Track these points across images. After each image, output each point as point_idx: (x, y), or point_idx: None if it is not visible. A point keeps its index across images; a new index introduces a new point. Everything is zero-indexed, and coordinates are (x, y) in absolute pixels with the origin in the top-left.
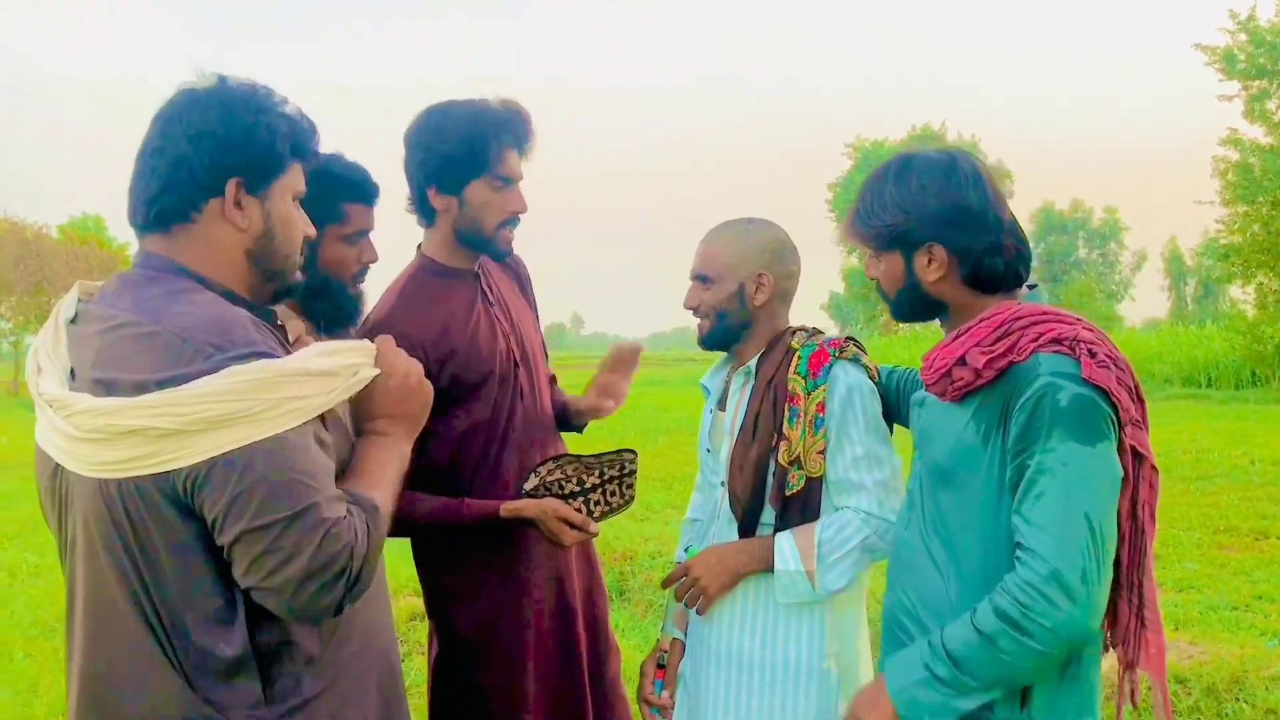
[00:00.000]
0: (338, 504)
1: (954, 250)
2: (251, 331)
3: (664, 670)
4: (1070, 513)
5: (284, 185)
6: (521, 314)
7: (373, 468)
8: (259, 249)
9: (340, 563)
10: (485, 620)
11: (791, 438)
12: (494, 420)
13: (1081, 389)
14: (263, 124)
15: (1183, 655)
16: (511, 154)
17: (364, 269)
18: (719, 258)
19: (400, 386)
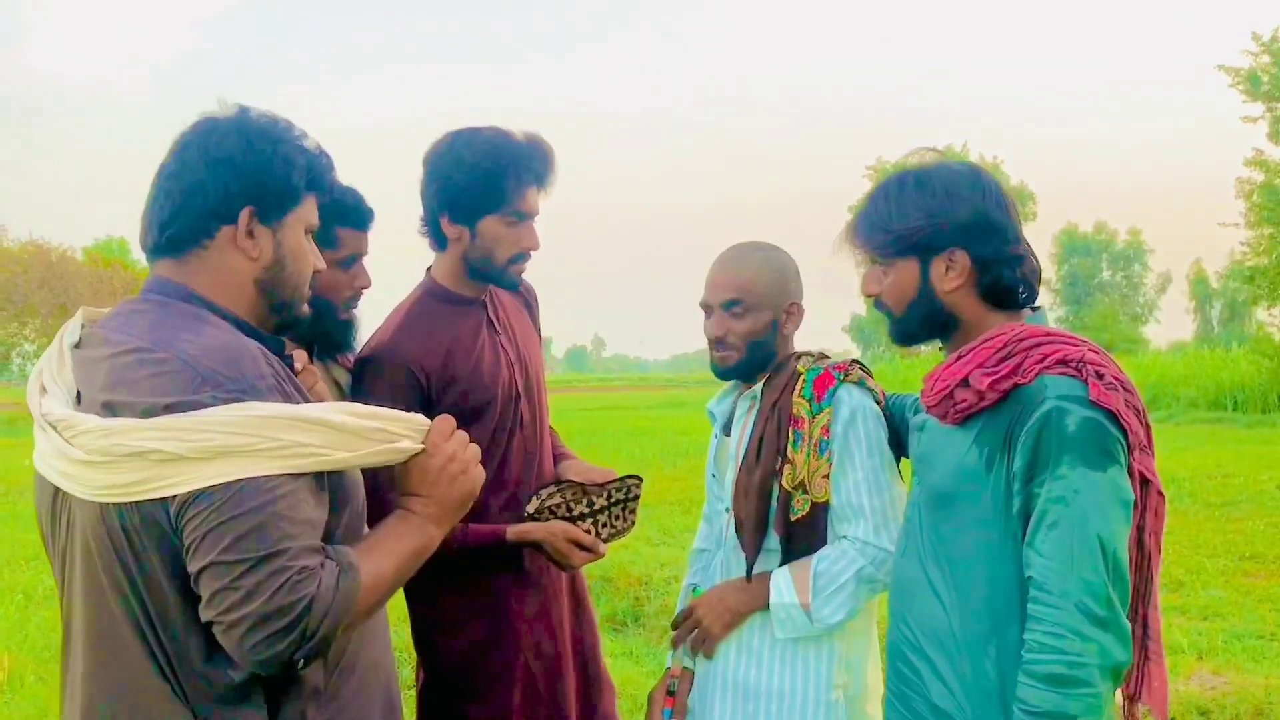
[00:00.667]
0: (310, 555)
1: (976, 258)
2: (261, 364)
3: (673, 699)
4: (1086, 541)
5: (297, 217)
6: (529, 342)
7: (381, 537)
8: (269, 279)
9: (295, 612)
10: (471, 651)
11: (796, 461)
12: (490, 450)
13: (1090, 412)
14: (280, 155)
15: (1205, 686)
16: (530, 190)
17: (357, 294)
18: (754, 286)
19: (440, 470)
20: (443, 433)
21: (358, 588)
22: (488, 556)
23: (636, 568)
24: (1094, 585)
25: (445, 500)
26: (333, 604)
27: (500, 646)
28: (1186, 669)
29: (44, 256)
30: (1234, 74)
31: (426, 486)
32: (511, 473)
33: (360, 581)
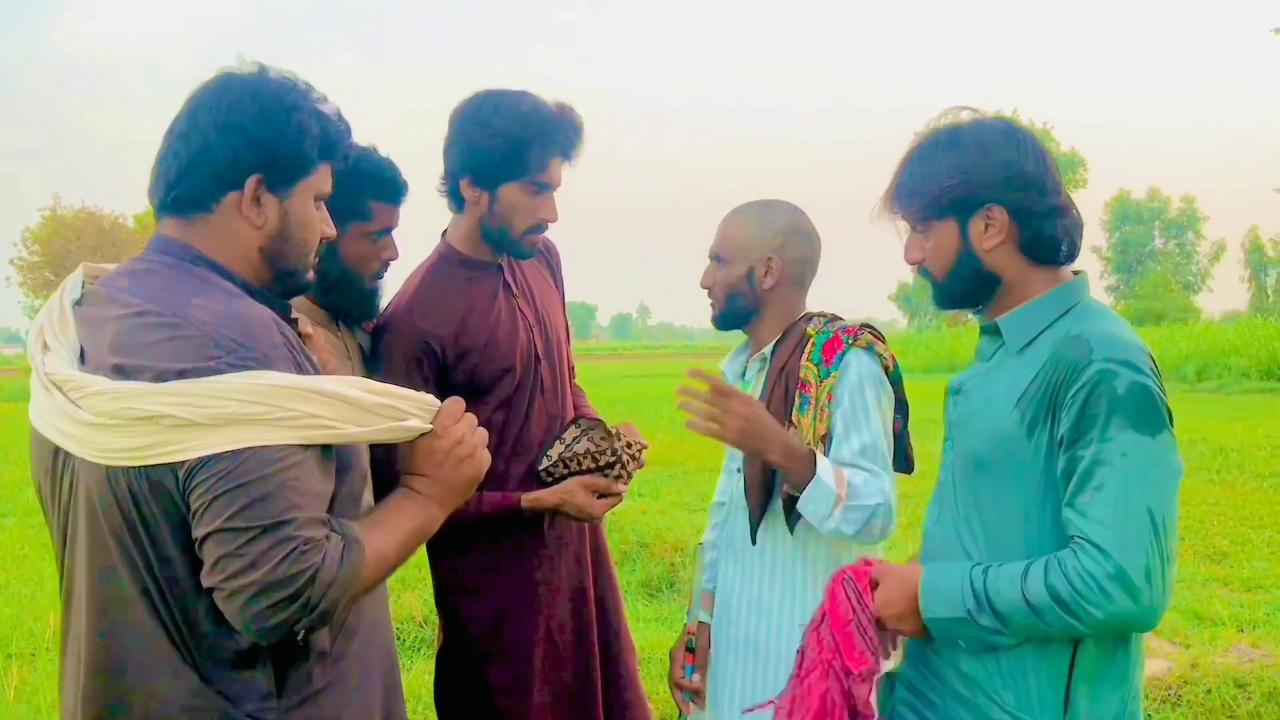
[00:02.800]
0: (316, 526)
1: (1014, 212)
2: (274, 332)
3: (693, 654)
4: (1132, 506)
5: (307, 186)
6: (549, 304)
7: (385, 514)
8: (273, 247)
9: (298, 584)
10: (494, 616)
11: (802, 425)
12: (510, 417)
13: (1139, 377)
14: (294, 122)
15: (1243, 658)
16: (554, 162)
17: (384, 266)
18: (732, 239)
19: (447, 452)
20: (452, 414)
21: (362, 562)
22: (506, 521)
23: (672, 534)
24: (1136, 555)
25: (450, 482)
26: (336, 577)
27: (522, 610)
28: (1226, 641)
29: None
30: None
31: (432, 467)
32: (534, 437)
33: (364, 556)
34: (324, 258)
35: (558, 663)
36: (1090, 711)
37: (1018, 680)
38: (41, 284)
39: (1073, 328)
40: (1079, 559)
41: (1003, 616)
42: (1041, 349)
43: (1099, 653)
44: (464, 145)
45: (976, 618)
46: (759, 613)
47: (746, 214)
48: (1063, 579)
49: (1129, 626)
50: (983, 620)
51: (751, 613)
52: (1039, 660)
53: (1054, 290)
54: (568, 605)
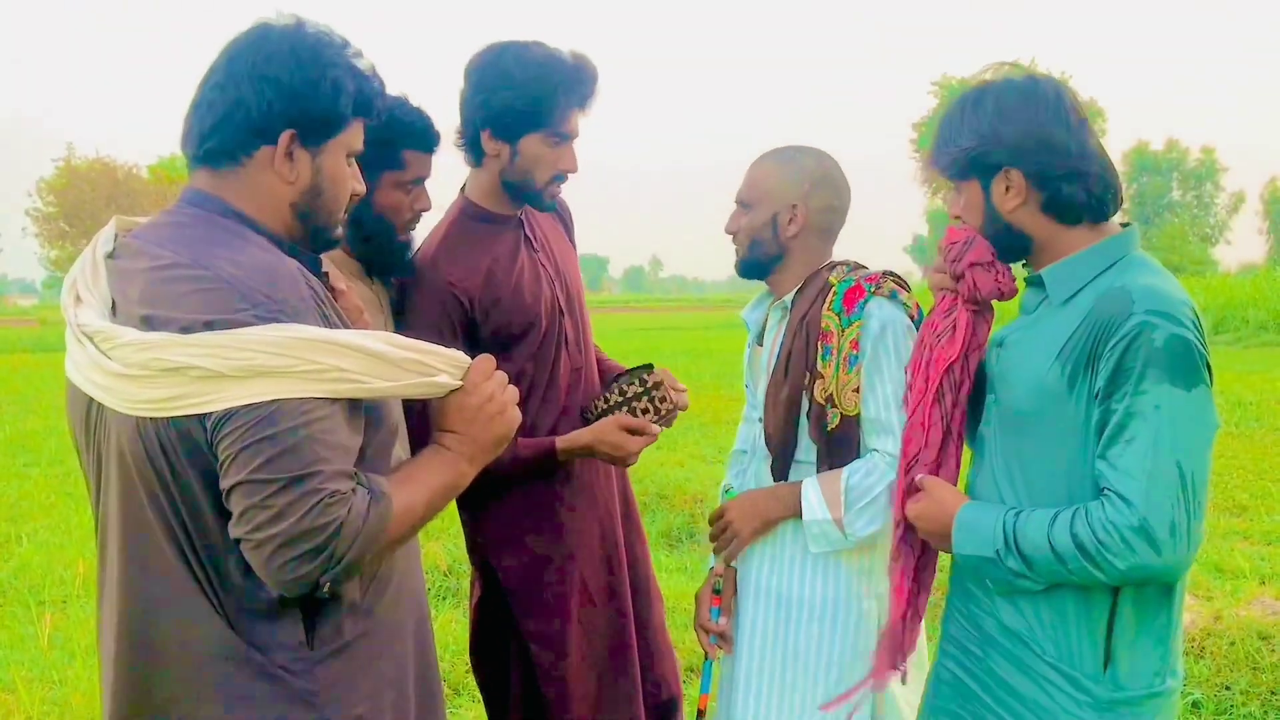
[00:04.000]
0: (343, 479)
1: (1030, 175)
2: (301, 285)
3: (719, 597)
4: (1161, 460)
5: (340, 142)
6: (567, 258)
7: (414, 469)
8: (304, 203)
9: (324, 535)
10: (528, 568)
11: (825, 375)
12: (538, 370)
13: (1179, 329)
14: (329, 78)
15: (1266, 611)
16: (574, 112)
17: (416, 216)
18: (758, 184)
19: (478, 408)
20: (482, 372)
21: (389, 516)
22: (538, 470)
23: (692, 485)
24: (1163, 509)
25: (481, 439)
26: (362, 530)
27: (556, 560)
28: (1248, 594)
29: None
30: None
31: (463, 424)
32: (560, 390)
33: (391, 510)
34: (358, 209)
35: (592, 612)
36: (1130, 664)
37: (1058, 632)
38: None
39: (1116, 280)
40: (1105, 510)
41: (1028, 559)
42: (1084, 301)
43: (1139, 607)
44: (484, 97)
45: (1004, 559)
46: (783, 564)
47: (775, 159)
48: (1087, 528)
49: (1152, 579)
50: (1009, 562)
51: (770, 561)
52: (1080, 613)
53: (1100, 244)
54: (599, 554)
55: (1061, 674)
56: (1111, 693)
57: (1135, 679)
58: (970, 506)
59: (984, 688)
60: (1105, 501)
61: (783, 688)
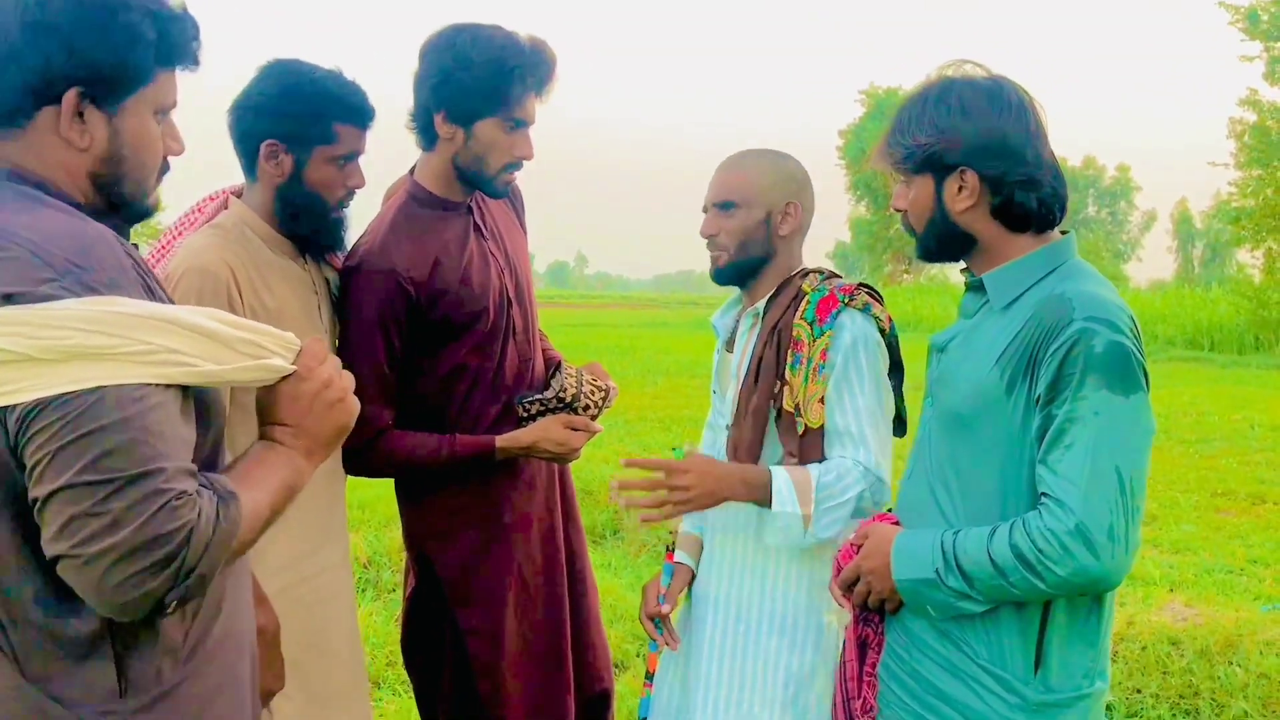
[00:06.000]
0: (187, 478)
1: (986, 178)
2: (119, 252)
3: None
4: (1100, 465)
5: (144, 99)
6: (518, 247)
7: (249, 468)
8: (103, 171)
9: (173, 543)
10: (466, 561)
11: (794, 384)
12: (483, 360)
13: (1118, 337)
14: (121, 23)
15: (1177, 617)
16: (530, 97)
17: (350, 193)
18: (749, 183)
19: (314, 396)
20: (316, 355)
21: (240, 519)
22: (476, 469)
23: None
24: (1100, 513)
25: (317, 431)
26: (213, 536)
27: (494, 553)
28: (1159, 600)
29: None
30: (1233, 11)
31: (297, 415)
32: (506, 381)
33: (242, 511)
34: (288, 184)
35: (529, 605)
36: (1061, 667)
37: (990, 634)
38: None
39: (1056, 287)
40: (1043, 518)
41: (969, 576)
42: (1025, 307)
43: (1071, 611)
44: (440, 79)
45: (944, 578)
46: (743, 571)
47: (760, 159)
48: (1026, 537)
49: (1091, 585)
50: (950, 581)
51: (729, 572)
52: (1012, 615)
53: (1041, 250)
54: (538, 547)
55: (992, 676)
56: (1041, 695)
57: (1065, 681)
58: (907, 533)
59: (910, 692)
60: (1043, 510)
61: (739, 699)
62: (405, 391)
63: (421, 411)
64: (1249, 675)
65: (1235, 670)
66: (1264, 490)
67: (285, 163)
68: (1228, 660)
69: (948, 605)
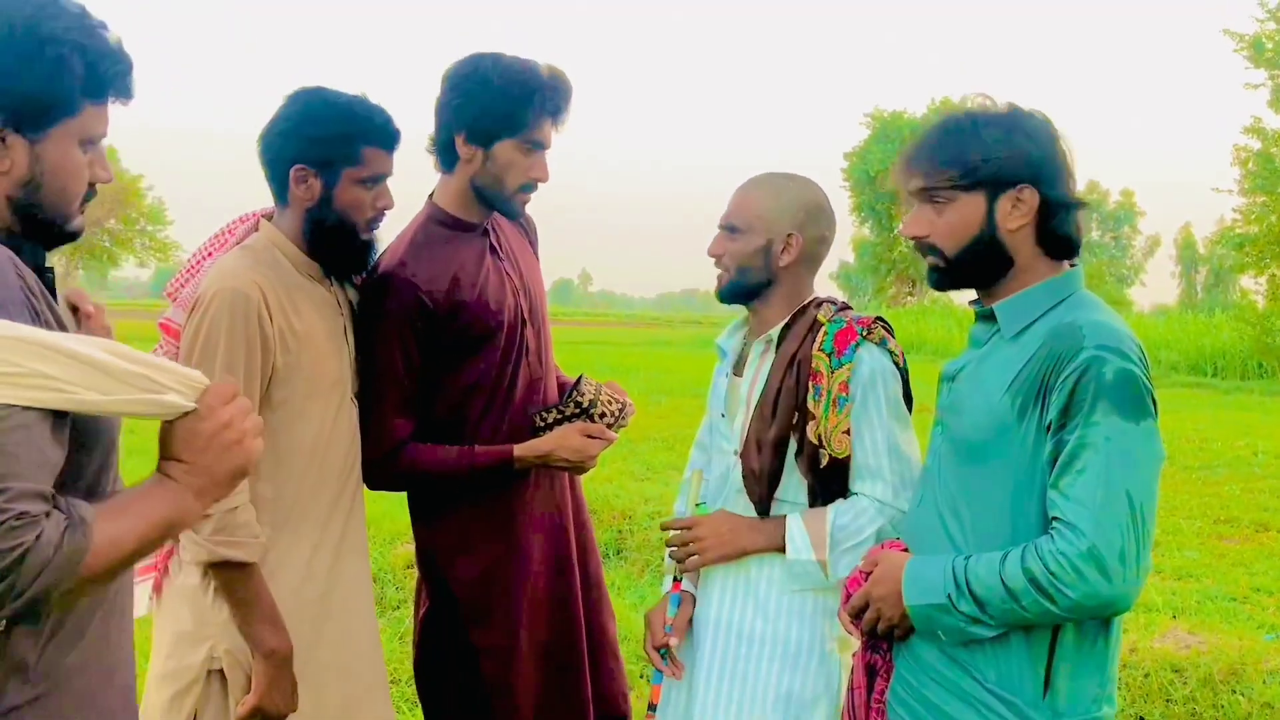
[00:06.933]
0: (34, 500)
1: (1045, 199)
2: (9, 273)
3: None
4: (1111, 489)
5: (69, 129)
6: (531, 270)
7: (129, 500)
8: (21, 197)
9: (5, 563)
10: (479, 580)
11: (817, 415)
12: (496, 379)
13: (1126, 364)
14: (49, 57)
15: (1179, 644)
16: (547, 122)
17: (379, 214)
18: (751, 208)
19: (212, 435)
20: (220, 395)
21: (85, 549)
22: (495, 479)
23: (620, 501)
24: (1112, 537)
25: (212, 471)
26: (51, 561)
27: (509, 572)
28: (1162, 627)
29: None
30: (1239, 39)
31: (193, 453)
32: (516, 401)
33: (90, 542)
34: (318, 206)
35: (542, 627)
36: (1070, 691)
37: (1000, 658)
38: None
39: (1066, 316)
40: (1055, 542)
41: (981, 601)
42: (1035, 336)
43: (1079, 636)
44: (462, 101)
45: (956, 603)
46: (746, 598)
47: (768, 185)
48: (1038, 561)
49: (1103, 609)
50: (962, 606)
51: (732, 596)
52: (1021, 640)
53: (1051, 280)
54: (552, 568)
55: (1002, 701)
56: (1050, 719)
57: (1074, 706)
58: (918, 559)
59: (918, 719)
60: (1055, 534)
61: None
62: (419, 411)
63: (435, 431)
64: (1253, 704)
65: (1239, 699)
66: (1267, 518)
67: (315, 186)
68: (1231, 689)
69: (959, 630)
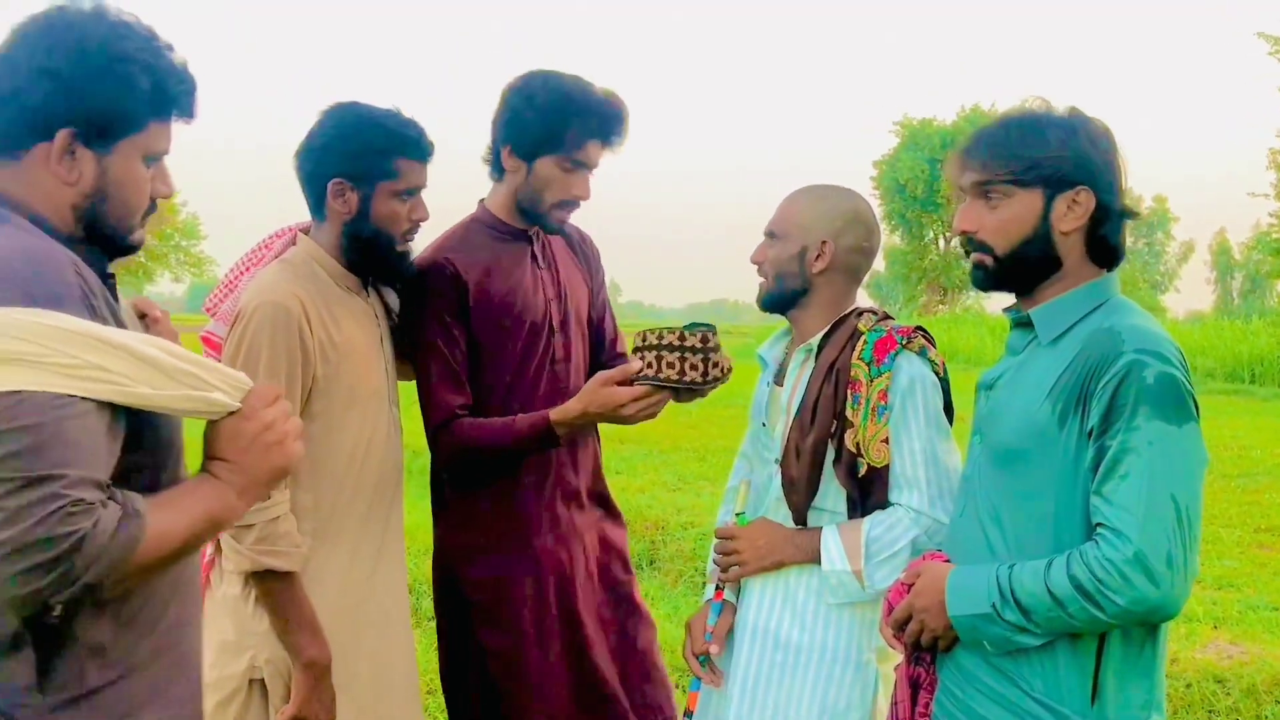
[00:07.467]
0: (90, 489)
1: (1100, 203)
2: (68, 273)
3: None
4: (1156, 494)
5: (135, 144)
6: (573, 283)
7: (176, 493)
8: (88, 208)
9: (62, 547)
10: (489, 582)
11: (855, 423)
12: (517, 378)
13: (1168, 367)
14: (117, 74)
15: (1221, 655)
16: (592, 144)
17: (414, 227)
18: (790, 216)
19: (254, 436)
20: (263, 397)
21: (139, 539)
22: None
23: (653, 512)
24: (1158, 542)
25: (254, 470)
26: (107, 548)
27: (515, 578)
28: (1203, 638)
29: None
30: (1273, 41)
31: (236, 452)
32: (539, 405)
33: (144, 532)
34: (355, 219)
35: (550, 633)
36: (1118, 699)
37: (1046, 668)
38: None
39: (1104, 321)
40: (1100, 548)
41: (1026, 610)
42: (1073, 341)
43: (1127, 643)
44: (509, 116)
45: (1001, 612)
46: (777, 605)
47: (810, 193)
48: (1084, 568)
49: (1151, 614)
50: (1007, 615)
51: (770, 604)
52: (1068, 648)
53: (1088, 285)
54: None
55: (1049, 710)
56: None
57: (1122, 714)
58: (961, 569)
59: None
60: (1100, 540)
61: None
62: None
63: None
64: None
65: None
66: None
67: (352, 200)
68: (1275, 699)
69: (1005, 640)
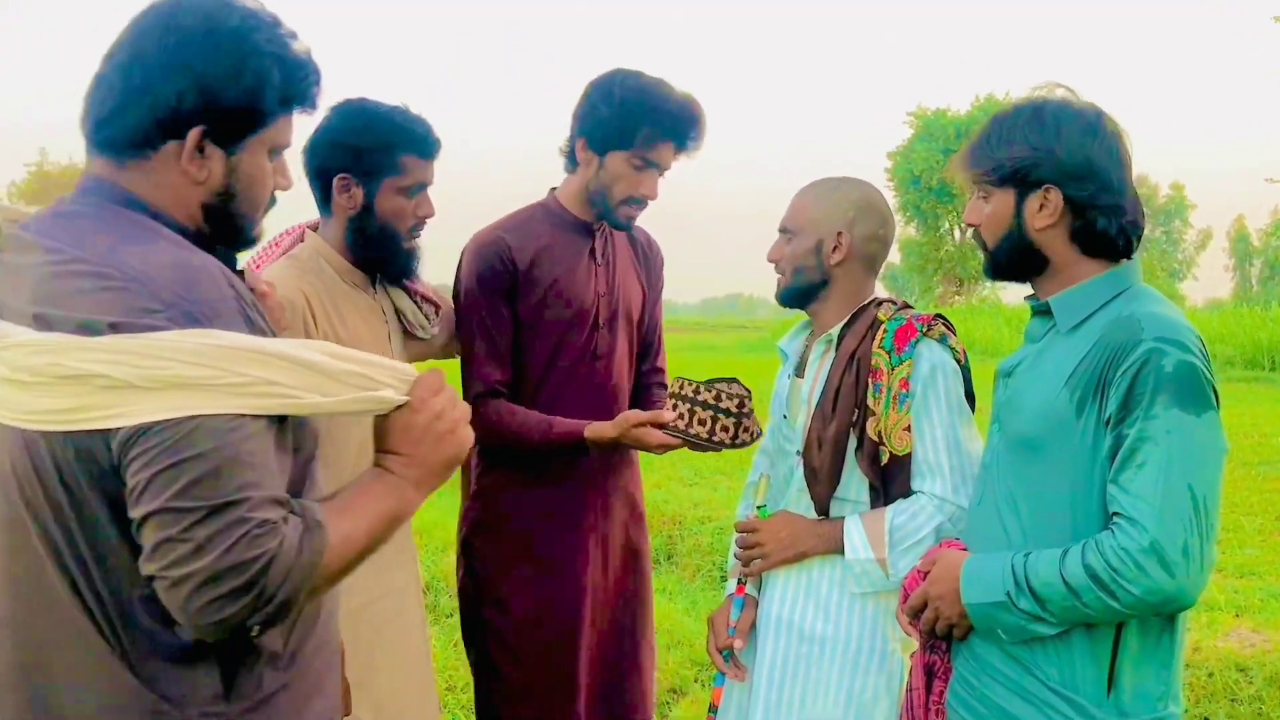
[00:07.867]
0: (272, 507)
1: (1069, 200)
2: (223, 285)
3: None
4: (1173, 483)
5: (262, 139)
6: (628, 285)
7: (354, 496)
8: (216, 204)
9: (252, 572)
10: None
11: (877, 411)
12: (553, 369)
13: (1187, 356)
14: (251, 69)
15: (1244, 643)
16: (664, 145)
17: (420, 223)
18: (803, 211)
19: (426, 427)
20: (430, 386)
21: (324, 549)
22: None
23: (670, 507)
24: (1175, 531)
25: (429, 461)
26: (295, 564)
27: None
28: (1225, 626)
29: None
30: None
31: (409, 445)
32: (575, 400)
33: (327, 542)
34: (360, 215)
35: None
36: (1135, 689)
37: (1061, 657)
38: None
39: (1123, 309)
40: (1116, 537)
41: (1041, 599)
42: (1092, 329)
43: (1143, 633)
44: (587, 109)
45: (1015, 600)
46: (800, 596)
47: (820, 188)
48: (1099, 557)
49: (1166, 604)
50: (1021, 603)
51: (793, 595)
52: (1083, 638)
53: (1107, 274)
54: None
55: (1065, 699)
56: (1115, 718)
57: (1139, 704)
58: (976, 557)
59: (980, 719)
60: (1116, 529)
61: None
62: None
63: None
64: None
65: None
66: None
67: (357, 195)
68: None
69: (1019, 628)
